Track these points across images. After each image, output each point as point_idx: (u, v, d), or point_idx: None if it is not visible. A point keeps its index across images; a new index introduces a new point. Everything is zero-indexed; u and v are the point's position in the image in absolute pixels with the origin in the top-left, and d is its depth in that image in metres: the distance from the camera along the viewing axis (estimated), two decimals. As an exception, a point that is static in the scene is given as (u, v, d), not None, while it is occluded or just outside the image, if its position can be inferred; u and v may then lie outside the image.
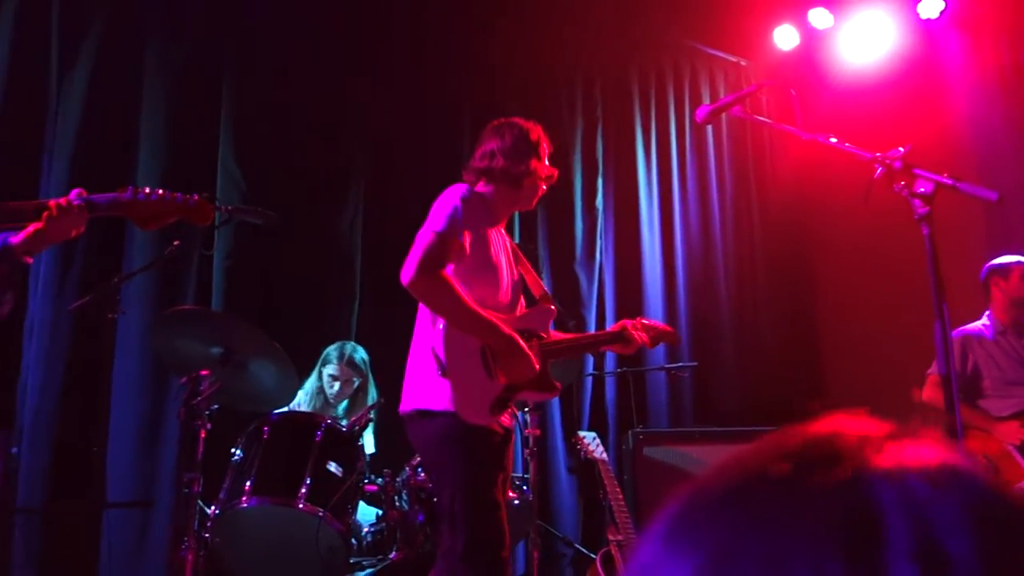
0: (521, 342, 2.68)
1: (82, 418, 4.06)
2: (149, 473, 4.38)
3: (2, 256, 1.99)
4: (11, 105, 4.24)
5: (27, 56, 4.35)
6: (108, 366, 3.90)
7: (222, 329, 3.54)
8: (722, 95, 6.51)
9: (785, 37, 6.25)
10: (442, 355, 2.63)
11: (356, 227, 5.13)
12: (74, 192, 2.01)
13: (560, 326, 5.17)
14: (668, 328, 3.28)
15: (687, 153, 6.39)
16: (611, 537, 3.73)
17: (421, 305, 2.80)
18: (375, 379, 4.45)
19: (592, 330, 5.58)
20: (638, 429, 4.61)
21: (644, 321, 3.19)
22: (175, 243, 3.46)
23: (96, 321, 3.40)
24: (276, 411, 3.73)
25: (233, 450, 3.57)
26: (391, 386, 4.31)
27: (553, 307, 3.02)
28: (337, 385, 4.23)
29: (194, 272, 4.65)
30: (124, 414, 4.33)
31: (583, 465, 4.82)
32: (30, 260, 2.02)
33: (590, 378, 5.48)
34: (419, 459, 3.65)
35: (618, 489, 3.87)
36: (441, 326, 2.65)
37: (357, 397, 4.37)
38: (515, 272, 2.96)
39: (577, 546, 4.23)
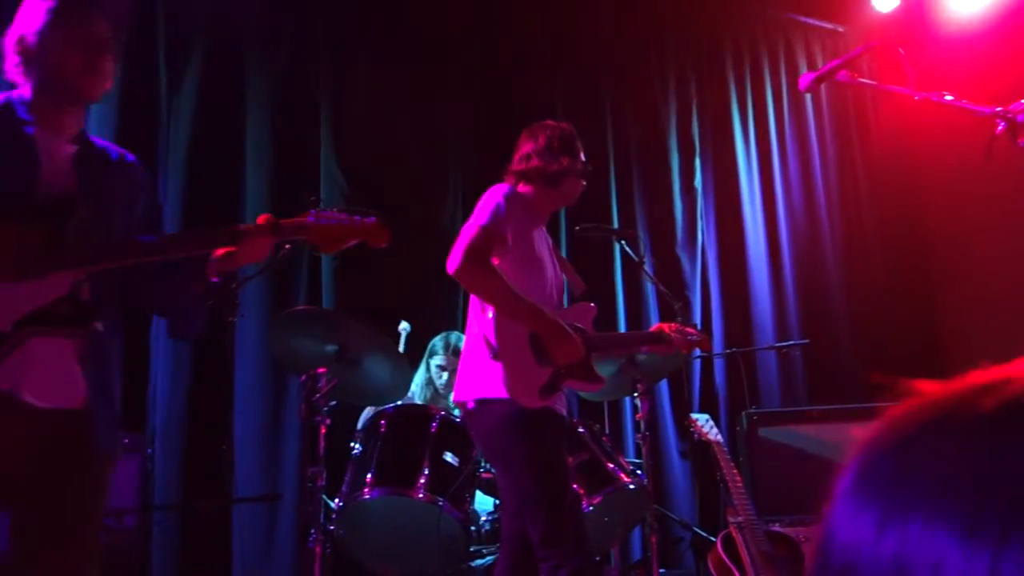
0: (567, 328, 2.77)
1: (208, 418, 4.25)
2: (273, 469, 4.54)
3: (199, 275, 2.12)
4: (125, 124, 4.44)
5: (137, 76, 4.55)
6: (230, 367, 4.07)
7: (335, 327, 3.64)
8: (820, 65, 6.32)
9: (884, -2, 6.02)
10: (493, 340, 2.74)
11: (457, 218, 5.19)
12: (263, 217, 2.12)
13: (667, 308, 5.17)
14: (701, 335, 3.38)
15: (786, 127, 6.24)
16: (731, 519, 3.68)
17: (472, 297, 2.92)
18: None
19: (698, 313, 5.52)
20: (752, 410, 4.53)
21: (675, 327, 3.28)
22: (287, 247, 3.57)
23: (217, 325, 3.54)
24: (391, 404, 3.81)
25: (352, 444, 3.67)
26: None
27: (593, 305, 3.12)
28: (445, 375, 4.29)
29: (304, 273, 4.80)
30: (246, 413, 4.49)
31: (696, 448, 4.77)
32: (216, 280, 2.15)
33: (698, 361, 5.41)
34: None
35: (735, 470, 3.81)
36: (491, 314, 2.77)
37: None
38: (558, 271, 3.06)
39: (696, 529, 4.19)
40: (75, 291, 1.94)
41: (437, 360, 4.35)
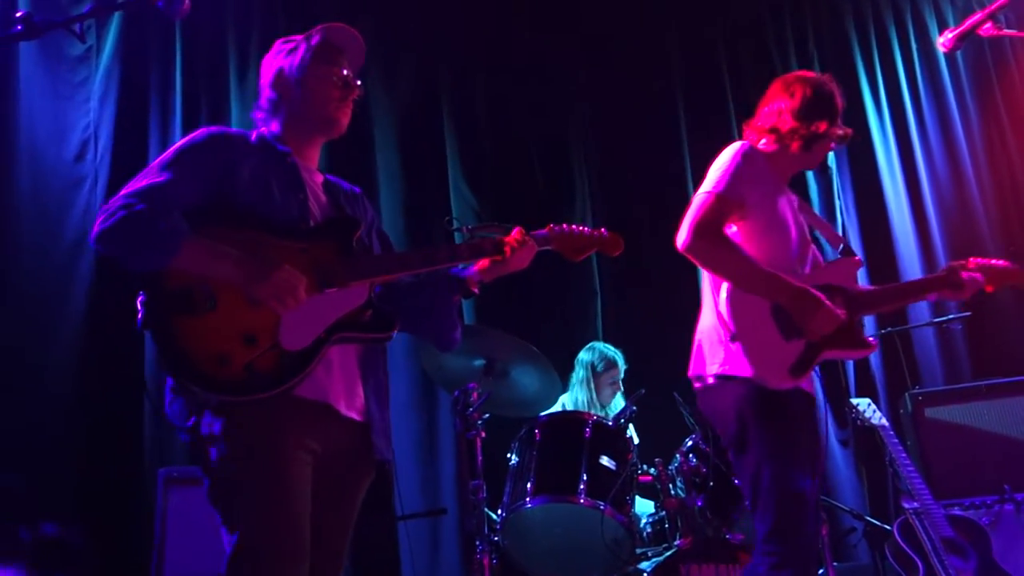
0: (817, 293, 2.44)
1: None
2: (432, 484, 4.65)
3: (458, 287, 2.29)
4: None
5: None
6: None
7: (482, 341, 3.71)
8: (952, 23, 6.00)
9: (1018, -57, 5.67)
10: (730, 320, 2.47)
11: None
12: (517, 229, 2.27)
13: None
14: (1009, 265, 2.83)
15: (920, 92, 5.96)
16: (906, 506, 3.52)
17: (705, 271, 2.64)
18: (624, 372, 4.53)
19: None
20: (915, 390, 4.32)
21: (978, 261, 2.83)
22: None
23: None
24: (543, 413, 3.84)
25: (508, 455, 3.71)
26: (641, 377, 4.35)
27: (857, 258, 2.77)
28: (608, 390, 4.33)
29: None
30: (400, 431, 4.62)
31: (859, 433, 4.58)
32: (477, 291, 2.30)
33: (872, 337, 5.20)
34: (695, 438, 3.63)
35: (905, 455, 3.64)
36: (726, 290, 2.49)
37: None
38: (804, 230, 2.73)
39: (868, 518, 4.02)
40: (372, 299, 2.05)
41: (597, 375, 4.39)
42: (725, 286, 2.50)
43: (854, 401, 3.90)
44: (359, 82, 2.23)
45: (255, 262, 1.90)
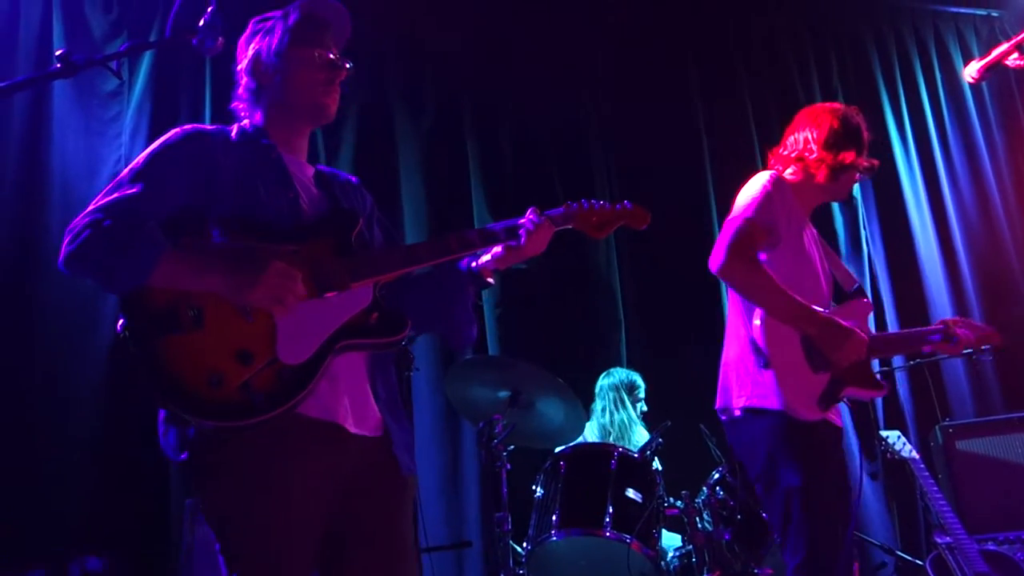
0: (845, 324, 2.45)
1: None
2: (456, 517, 4.62)
3: (472, 279, 2.10)
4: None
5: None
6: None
7: (506, 372, 3.71)
8: (977, 55, 5.98)
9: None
10: (763, 346, 2.46)
11: (611, 255, 5.21)
12: (531, 209, 2.07)
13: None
14: (990, 330, 2.90)
15: (946, 122, 5.94)
16: (939, 541, 3.46)
17: (733, 297, 2.66)
18: (648, 402, 4.49)
19: (872, 325, 5.25)
20: (946, 422, 4.26)
21: (967, 320, 2.93)
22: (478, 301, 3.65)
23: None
24: (567, 445, 3.82)
25: (533, 487, 3.69)
26: (666, 409, 4.32)
27: (867, 300, 2.80)
28: (624, 416, 4.29)
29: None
30: (424, 464, 4.60)
31: (889, 467, 4.52)
32: (492, 281, 2.12)
33: (877, 376, 5.13)
34: (722, 470, 3.59)
35: (936, 488, 3.59)
36: (759, 316, 2.49)
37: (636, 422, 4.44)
38: (827, 267, 2.76)
39: (899, 553, 3.95)
40: (377, 300, 1.88)
41: (613, 402, 4.36)
42: (758, 313, 2.49)
43: (884, 434, 3.86)
44: (347, 63, 2.02)
45: (241, 269, 1.71)
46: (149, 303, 1.69)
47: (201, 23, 1.86)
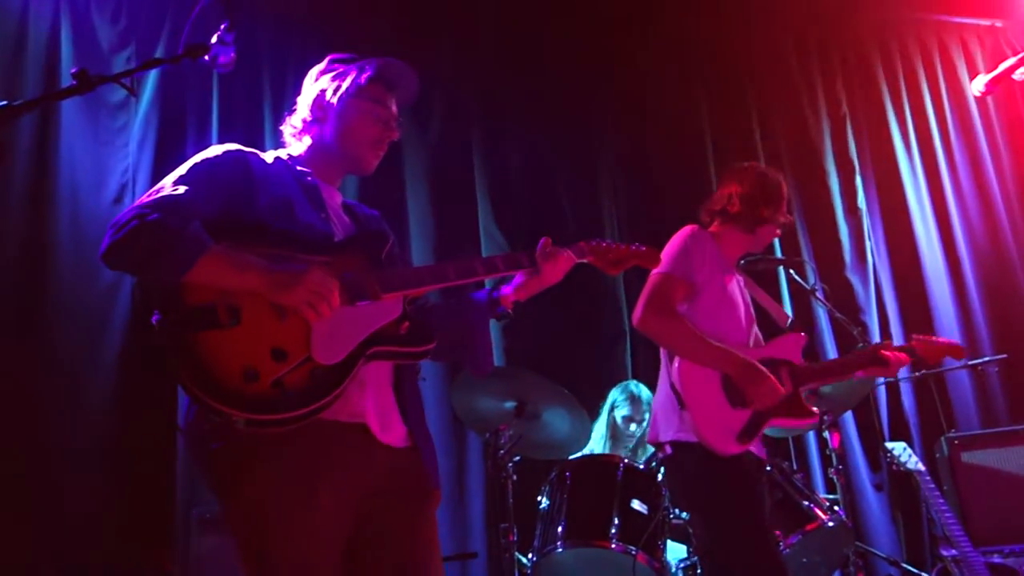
0: (761, 367, 2.70)
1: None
2: (460, 528, 4.62)
3: (491, 308, 2.15)
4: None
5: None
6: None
7: (513, 383, 3.72)
8: (981, 65, 6.01)
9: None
10: (680, 388, 2.70)
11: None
12: (543, 240, 2.14)
13: (843, 335, 4.95)
14: (949, 342, 3.14)
15: (951, 134, 5.94)
16: (945, 553, 3.45)
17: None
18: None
19: (877, 337, 5.26)
20: (952, 434, 4.26)
21: (920, 338, 3.11)
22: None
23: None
24: (573, 456, 3.82)
25: (539, 498, 3.69)
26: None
27: (802, 335, 3.03)
28: (633, 426, 4.29)
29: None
30: (430, 474, 4.60)
31: (894, 478, 4.51)
32: (512, 311, 2.17)
33: (883, 387, 5.15)
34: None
35: (942, 500, 3.58)
36: (676, 362, 2.74)
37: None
38: (750, 310, 3.01)
39: (904, 565, 3.95)
40: (408, 311, 1.93)
41: (623, 411, 4.34)
42: (676, 359, 2.75)
43: (889, 445, 3.85)
44: (399, 129, 2.14)
45: (281, 270, 1.76)
46: (187, 298, 1.72)
47: (214, 40, 1.88)
